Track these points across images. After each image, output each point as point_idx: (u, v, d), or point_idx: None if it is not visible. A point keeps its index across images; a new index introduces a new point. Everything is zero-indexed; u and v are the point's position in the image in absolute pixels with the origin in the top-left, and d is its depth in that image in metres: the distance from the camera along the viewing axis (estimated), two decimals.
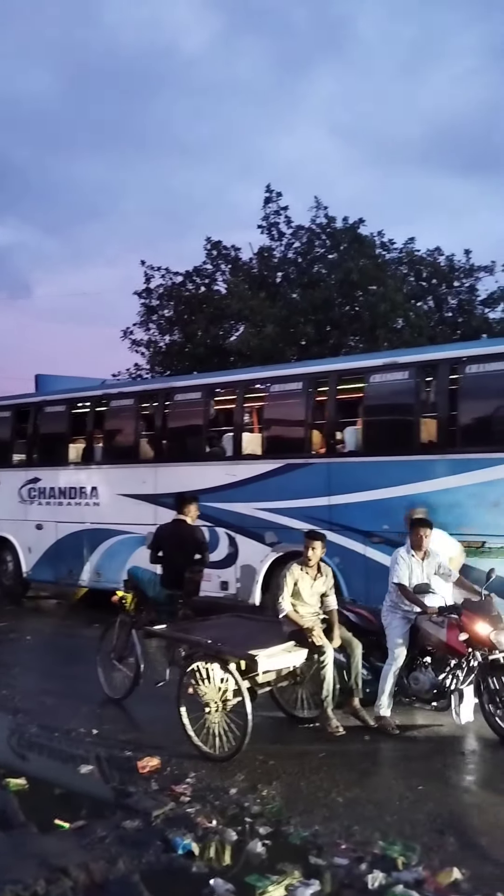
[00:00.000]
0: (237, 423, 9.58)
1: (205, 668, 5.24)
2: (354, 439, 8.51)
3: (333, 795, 4.53)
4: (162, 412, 10.37)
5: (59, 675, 7.44)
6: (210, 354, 19.17)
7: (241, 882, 3.54)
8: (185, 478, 9.51)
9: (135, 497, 10.38)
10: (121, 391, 11.30)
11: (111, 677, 6.57)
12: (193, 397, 10.14)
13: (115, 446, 10.94)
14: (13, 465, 12.25)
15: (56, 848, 3.90)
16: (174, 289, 20.67)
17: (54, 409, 11.85)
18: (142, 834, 4.05)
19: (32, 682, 7.18)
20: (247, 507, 9.07)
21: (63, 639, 9.22)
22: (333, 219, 19.20)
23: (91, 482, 11.04)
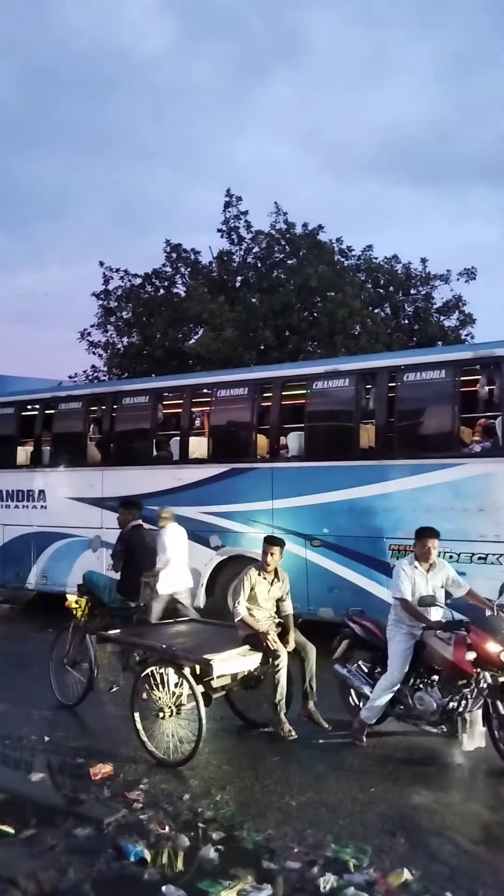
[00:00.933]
0: (184, 428, 9.64)
1: (159, 672, 5.22)
2: (297, 444, 8.66)
3: (287, 799, 4.55)
4: (110, 416, 10.39)
5: (10, 681, 7.30)
6: (169, 357, 19.11)
7: (194, 888, 3.54)
8: (132, 481, 9.59)
9: (82, 500, 10.38)
10: (69, 394, 11.23)
11: (64, 683, 6.49)
12: (141, 401, 10.19)
13: (63, 449, 10.87)
14: None
15: (4, 857, 3.84)
16: (133, 291, 20.58)
17: (3, 411, 11.74)
18: (93, 842, 4.02)
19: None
20: (193, 510, 9.12)
21: (14, 643, 9.06)
22: (293, 224, 19.37)
23: (39, 485, 10.96)
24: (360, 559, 7.94)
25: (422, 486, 7.54)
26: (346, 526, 8.02)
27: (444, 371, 7.65)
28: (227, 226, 19.91)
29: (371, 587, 7.86)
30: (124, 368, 20.35)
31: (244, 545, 8.81)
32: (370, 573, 7.88)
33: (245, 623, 5.53)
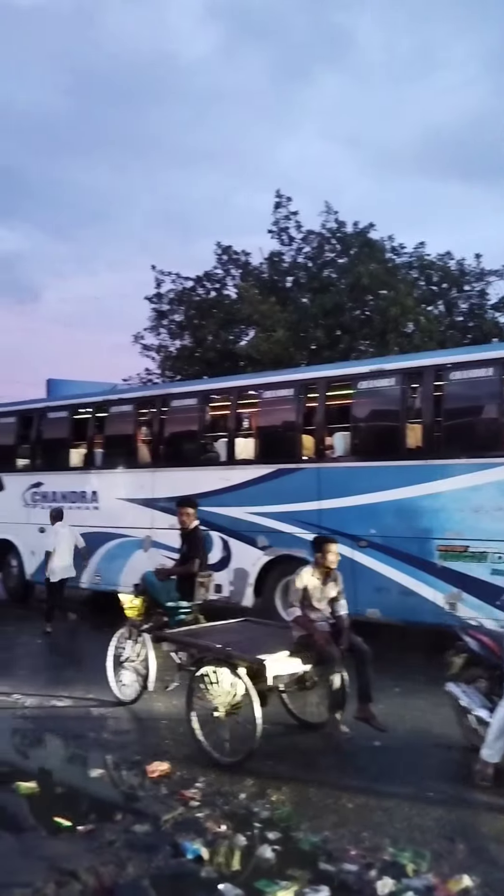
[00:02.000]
0: (231, 429, 9.70)
1: (214, 672, 5.25)
2: (344, 445, 8.60)
3: (343, 801, 4.52)
4: (159, 418, 10.53)
5: (70, 680, 7.45)
6: (220, 359, 19.23)
7: (251, 887, 3.54)
8: (182, 482, 9.68)
9: (133, 501, 10.56)
10: (120, 397, 11.43)
11: (122, 681, 6.59)
12: (189, 403, 10.31)
13: (115, 451, 11.07)
14: (18, 470, 12.41)
15: (65, 851, 3.92)
16: (184, 293, 20.77)
17: (57, 414, 12.01)
18: (151, 838, 4.06)
19: (43, 686, 7.20)
20: (240, 511, 9.20)
21: (72, 643, 9.25)
22: (343, 223, 19.25)
23: (91, 486, 11.18)
24: (408, 560, 7.86)
25: (470, 485, 7.41)
26: (394, 526, 7.94)
27: (491, 368, 7.51)
28: (278, 226, 19.92)
29: (419, 588, 7.76)
30: (177, 371, 20.57)
31: (291, 545, 8.82)
32: (418, 574, 7.79)
33: (299, 623, 5.51)
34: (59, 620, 9.72)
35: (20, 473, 12.35)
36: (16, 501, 12.21)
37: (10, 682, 7.28)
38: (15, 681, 7.37)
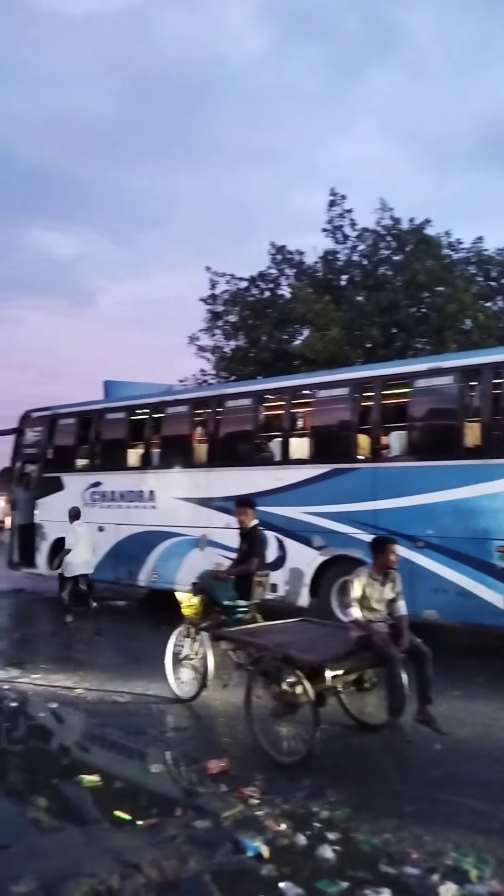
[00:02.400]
0: (285, 429, 9.70)
1: (272, 672, 5.26)
2: (400, 444, 8.50)
3: (403, 804, 4.47)
4: (214, 418, 10.62)
5: (129, 676, 7.58)
6: (274, 359, 19.24)
7: (311, 887, 3.54)
8: (236, 482, 9.78)
9: (189, 500, 10.68)
10: (176, 398, 11.59)
11: (180, 679, 6.67)
12: (244, 403, 10.38)
13: (171, 451, 11.21)
14: (78, 470, 12.67)
15: (129, 844, 3.98)
16: (239, 294, 20.84)
17: (114, 415, 12.24)
18: (212, 834, 4.10)
19: (104, 682, 7.35)
20: (295, 511, 9.20)
21: (131, 639, 9.41)
22: (399, 220, 19.01)
23: (148, 486, 11.35)
24: (467, 561, 7.72)
25: None
26: (452, 527, 7.83)
27: None
28: (332, 225, 19.82)
29: (478, 590, 7.63)
30: (231, 371, 20.67)
31: (347, 546, 8.78)
32: (477, 575, 7.66)
33: (358, 624, 5.49)
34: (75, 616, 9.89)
35: (79, 473, 12.62)
36: (75, 501, 12.44)
37: (73, 678, 7.46)
38: (77, 676, 7.55)
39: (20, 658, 8.40)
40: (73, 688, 7.10)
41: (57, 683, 7.27)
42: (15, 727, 6.42)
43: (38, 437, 13.71)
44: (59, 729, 6.46)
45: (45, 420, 13.62)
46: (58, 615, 10.57)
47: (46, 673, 7.69)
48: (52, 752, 5.96)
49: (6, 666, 8.05)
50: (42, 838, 4.11)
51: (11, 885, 3.44)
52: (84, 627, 10.10)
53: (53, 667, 7.98)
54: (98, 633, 9.76)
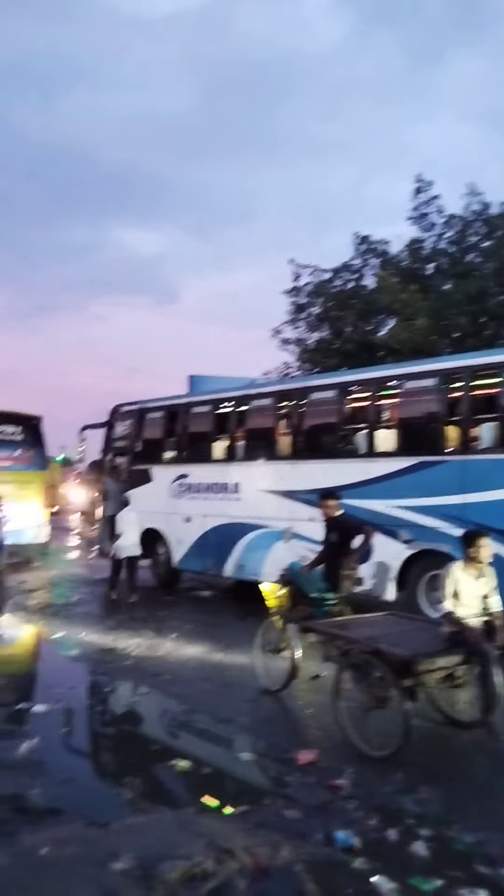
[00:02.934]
0: (370, 421, 9.57)
1: (361, 665, 5.23)
2: (491, 436, 8.25)
3: (497, 804, 4.37)
4: (298, 411, 10.57)
5: (217, 665, 7.71)
6: (359, 350, 19.06)
7: (404, 883, 3.51)
8: (321, 475, 9.70)
9: (274, 493, 10.70)
10: (259, 391, 11.65)
11: (268, 670, 6.72)
12: (328, 396, 10.26)
13: (255, 444, 11.25)
14: (165, 462, 12.93)
15: (220, 829, 4.06)
16: (322, 286, 20.74)
17: (200, 409, 12.39)
18: (302, 824, 4.12)
19: (193, 670, 7.50)
20: (380, 504, 9.06)
21: (219, 629, 9.53)
22: (488, 205, 18.42)
23: (233, 478, 11.45)
24: None
25: None
26: None
27: None
28: (418, 212, 19.41)
29: None
30: (315, 363, 20.60)
31: (435, 540, 8.60)
32: None
33: (450, 619, 5.38)
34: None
35: (167, 466, 12.88)
36: (163, 492, 12.75)
37: (162, 666, 7.64)
38: (166, 664, 7.73)
39: (113, 644, 8.68)
40: (162, 674, 7.27)
41: (147, 670, 7.47)
42: (109, 711, 6.64)
43: (127, 431, 14.07)
44: (150, 714, 6.64)
45: (133, 414, 13.95)
46: (121, 596, 11.44)
47: (137, 660, 7.91)
48: (144, 737, 6.13)
49: (100, 651, 8.33)
50: (138, 819, 4.24)
51: (111, 862, 3.57)
52: (174, 616, 10.32)
53: (144, 654, 8.21)
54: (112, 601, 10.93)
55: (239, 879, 3.53)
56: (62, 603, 11.46)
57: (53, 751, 5.28)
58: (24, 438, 16.51)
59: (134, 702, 6.67)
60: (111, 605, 11.27)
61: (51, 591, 12.68)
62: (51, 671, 7.90)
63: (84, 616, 10.50)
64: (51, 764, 4.98)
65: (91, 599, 11.89)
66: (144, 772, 5.00)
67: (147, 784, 4.79)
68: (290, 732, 5.70)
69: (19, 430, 16.52)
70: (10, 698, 6.43)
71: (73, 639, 9.06)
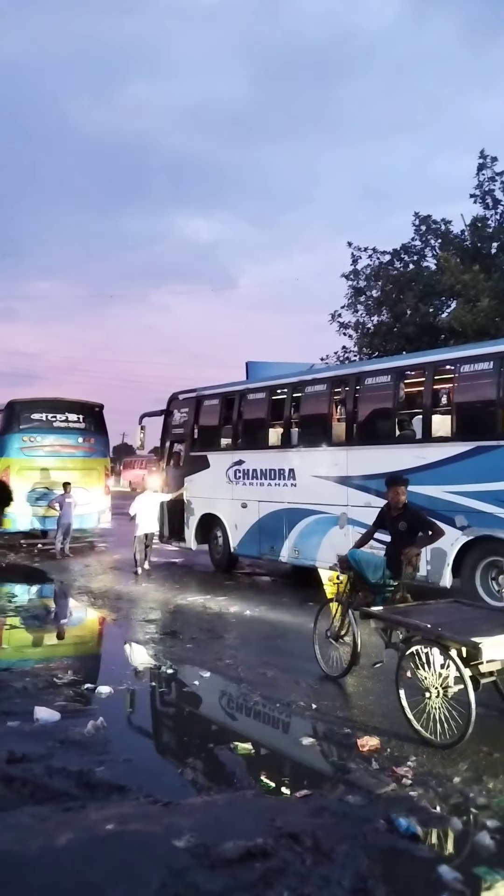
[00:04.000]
0: (426, 406, 9.44)
1: (424, 652, 5.16)
2: None
3: None
4: (353, 396, 10.51)
5: (277, 650, 7.75)
6: (420, 333, 18.70)
7: (469, 873, 3.46)
8: (376, 460, 9.73)
9: (329, 479, 10.70)
10: (314, 377, 11.62)
11: (328, 655, 6.72)
12: (383, 381, 10.18)
13: (310, 430, 11.26)
14: (222, 449, 13.05)
15: (281, 812, 4.07)
16: (381, 268, 20.39)
17: (256, 395, 12.48)
18: (364, 810, 4.09)
19: (253, 654, 7.55)
20: (436, 489, 8.95)
21: (278, 615, 9.57)
22: None
23: (289, 464, 11.49)
24: None
25: None
26: None
27: None
28: (481, 190, 18.85)
29: None
30: (374, 348, 20.31)
31: (492, 526, 8.45)
32: None
33: None
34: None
35: (223, 452, 12.99)
36: (220, 478, 12.88)
37: (222, 650, 7.71)
38: (226, 648, 7.80)
39: (174, 628, 8.80)
40: (222, 658, 7.34)
41: (208, 654, 7.55)
42: (171, 693, 6.74)
43: (184, 418, 14.25)
44: (211, 696, 6.71)
45: (190, 401, 14.11)
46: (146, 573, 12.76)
47: (198, 644, 8.00)
48: (205, 719, 6.21)
49: (162, 635, 8.47)
50: (199, 798, 4.29)
51: (174, 839, 3.62)
52: (233, 602, 10.40)
53: (204, 637, 8.30)
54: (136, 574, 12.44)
55: (299, 862, 3.53)
56: (123, 589, 11.67)
57: (118, 730, 5.39)
58: (87, 426, 16.95)
59: (195, 684, 6.74)
60: (136, 579, 12.49)
61: (113, 576, 12.94)
62: (115, 653, 8.07)
63: (144, 600, 10.69)
64: (115, 743, 5.08)
65: (151, 585, 12.09)
66: (205, 753, 5.06)
67: (208, 765, 4.85)
68: (352, 719, 5.67)
69: (83, 419, 16.94)
70: (78, 678, 6.59)
71: (134, 621, 9.23)
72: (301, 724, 5.69)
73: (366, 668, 6.46)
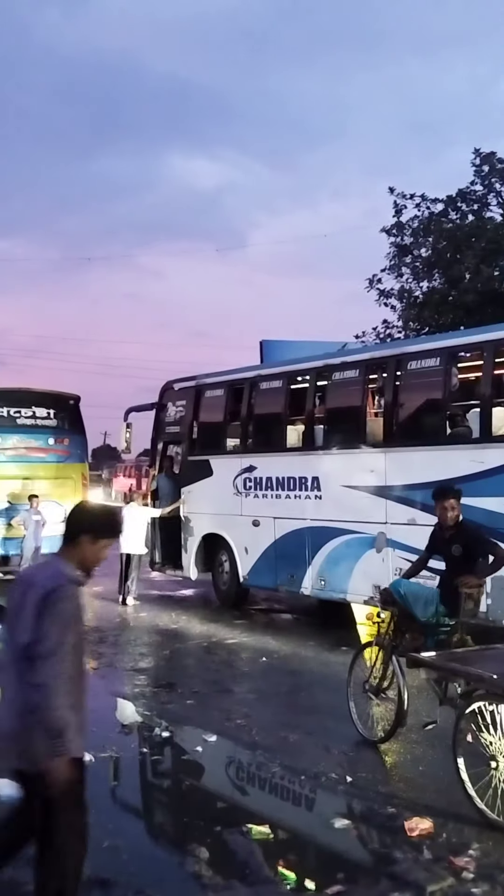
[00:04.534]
0: (487, 397, 9.38)
1: (489, 710, 5.16)
2: None
3: None
4: (393, 384, 10.48)
5: (302, 707, 7.76)
6: (482, 302, 18.68)
7: None
8: (421, 466, 9.71)
9: (362, 489, 10.69)
10: (343, 360, 11.53)
11: (366, 714, 6.72)
12: (430, 364, 10.09)
13: (338, 428, 11.27)
14: (227, 452, 13.11)
15: None
16: (432, 220, 20.41)
17: (271, 384, 12.48)
18: None
19: (271, 713, 7.57)
20: (499, 503, 8.86)
21: (304, 662, 9.58)
22: None
23: (312, 471, 11.48)
24: None
25: None
26: None
27: None
28: None
29: None
30: (424, 321, 20.33)
31: None
32: None
33: None
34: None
35: (230, 456, 13.03)
36: (226, 489, 12.90)
37: (233, 708, 7.74)
38: (238, 705, 7.84)
39: (171, 678, 8.83)
40: (233, 718, 7.37)
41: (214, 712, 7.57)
42: (167, 761, 6.77)
43: (181, 413, 14.29)
44: (218, 766, 6.73)
45: (189, 392, 14.13)
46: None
47: (201, 699, 8.03)
48: (210, 794, 6.22)
49: (155, 687, 8.50)
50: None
51: None
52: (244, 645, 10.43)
53: (209, 690, 8.33)
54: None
55: None
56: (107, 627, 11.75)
57: (100, 808, 5.39)
58: (59, 424, 17.01)
59: (197, 751, 6.75)
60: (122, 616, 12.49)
61: (94, 612, 13.01)
62: (94, 710, 8.05)
63: (133, 643, 10.76)
64: (96, 825, 5.09)
65: (141, 624, 12.13)
66: (211, 837, 5.07)
67: (214, 853, 4.86)
68: (397, 795, 5.67)
69: (54, 414, 17.02)
70: None
71: (120, 670, 9.28)
72: (333, 802, 5.70)
73: (414, 730, 6.45)
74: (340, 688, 7.07)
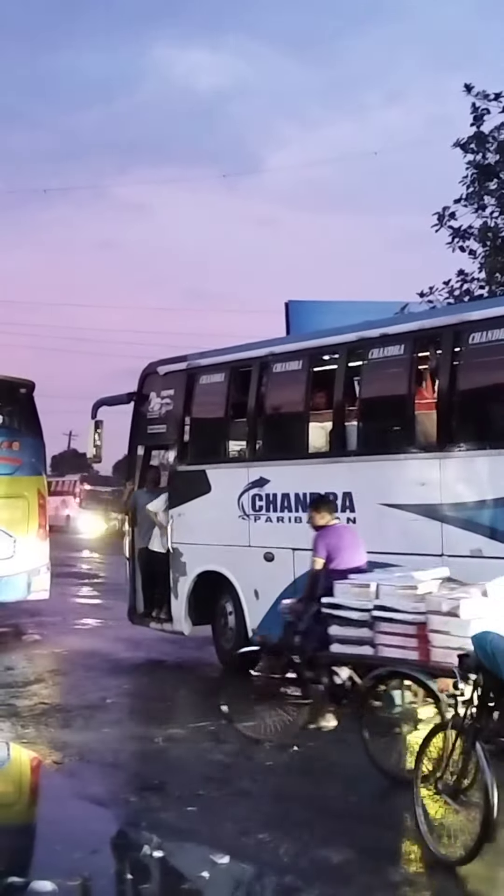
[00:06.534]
0: None
1: None
2: None
3: None
4: (449, 367, 10.51)
5: (349, 816, 7.69)
6: None
7: None
8: (488, 477, 9.85)
9: (413, 509, 10.64)
10: (384, 332, 11.48)
11: (439, 824, 6.67)
12: (500, 337, 10.02)
13: (377, 425, 11.45)
14: (230, 459, 13.19)
15: None
16: None
17: (287, 367, 12.47)
18: None
19: (303, 824, 7.49)
20: None
21: (344, 751, 9.49)
22: None
23: (342, 484, 11.44)
24: None
25: None
26: None
27: None
28: None
29: None
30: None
31: None
32: None
33: None
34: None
35: (233, 465, 13.08)
36: (229, 510, 12.86)
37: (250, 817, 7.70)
38: (257, 813, 7.81)
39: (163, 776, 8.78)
40: (249, 831, 7.30)
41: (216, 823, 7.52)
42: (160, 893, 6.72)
43: (168, 407, 14.24)
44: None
45: (178, 379, 14.11)
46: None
47: (206, 805, 7.97)
48: None
49: (142, 788, 8.43)
50: None
51: None
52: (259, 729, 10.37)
53: (216, 793, 8.29)
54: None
55: None
56: (77, 704, 11.71)
57: None
58: (5, 421, 16.82)
59: (202, 877, 6.65)
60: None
61: (57, 684, 12.96)
62: (59, 822, 8.03)
63: (114, 725, 10.72)
64: None
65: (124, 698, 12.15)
66: None
67: None
68: None
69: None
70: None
71: (94, 765, 9.23)
72: None
73: None
74: (405, 788, 7.01)
